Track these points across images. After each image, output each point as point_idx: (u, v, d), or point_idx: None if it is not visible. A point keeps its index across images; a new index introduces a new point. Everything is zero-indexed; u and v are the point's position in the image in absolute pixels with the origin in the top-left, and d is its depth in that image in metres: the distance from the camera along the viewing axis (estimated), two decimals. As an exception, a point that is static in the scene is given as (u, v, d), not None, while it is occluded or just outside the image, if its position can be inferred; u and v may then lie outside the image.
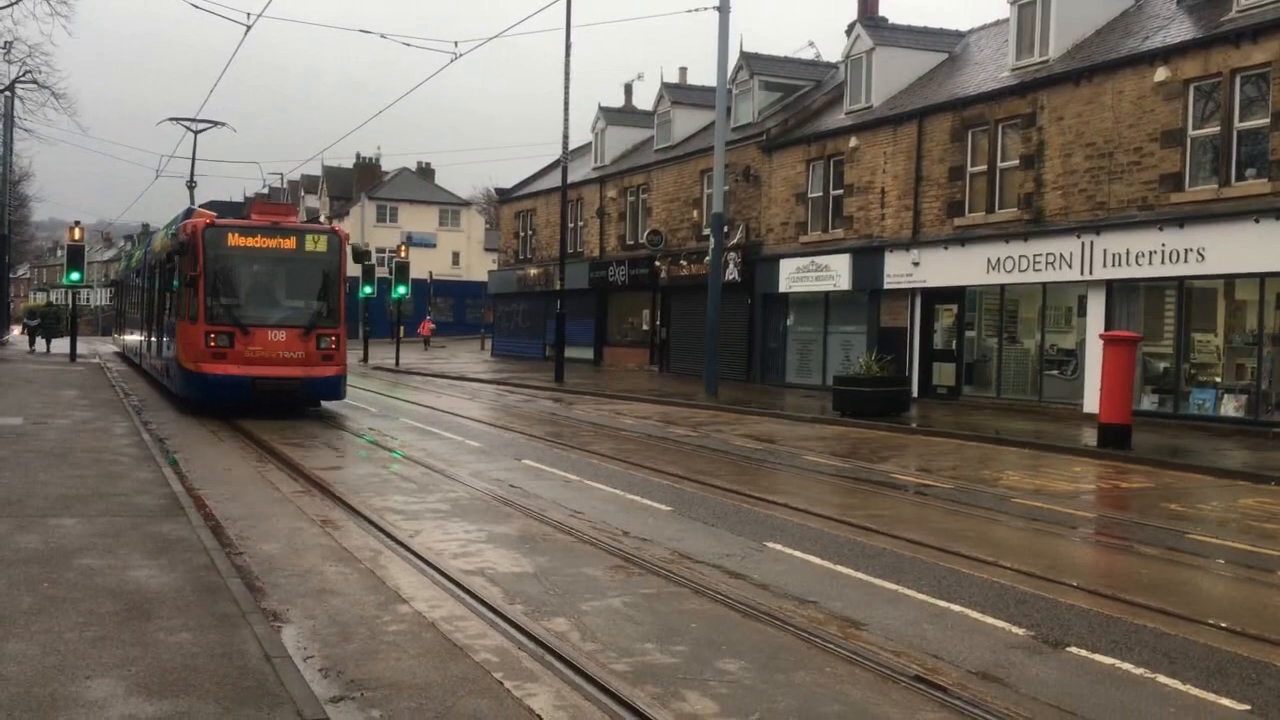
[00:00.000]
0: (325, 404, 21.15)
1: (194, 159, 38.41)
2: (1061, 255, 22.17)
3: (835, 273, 28.35)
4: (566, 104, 31.34)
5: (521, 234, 48.00)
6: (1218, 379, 20.26)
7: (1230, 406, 19.73)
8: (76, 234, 34.50)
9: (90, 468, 12.34)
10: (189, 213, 22.99)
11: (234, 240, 20.04)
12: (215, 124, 33.75)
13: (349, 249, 21.19)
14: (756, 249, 31.62)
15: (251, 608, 6.83)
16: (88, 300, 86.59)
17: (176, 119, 33.30)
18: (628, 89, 47.79)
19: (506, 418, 21.71)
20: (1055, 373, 23.35)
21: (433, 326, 60.57)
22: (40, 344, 43.92)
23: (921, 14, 34.20)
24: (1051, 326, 23.57)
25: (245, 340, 19.41)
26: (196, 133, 35.46)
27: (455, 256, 74.99)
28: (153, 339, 26.71)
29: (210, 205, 32.56)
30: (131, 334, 34.77)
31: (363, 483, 12.59)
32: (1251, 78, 19.29)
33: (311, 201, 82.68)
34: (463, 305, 72.89)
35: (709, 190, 31.98)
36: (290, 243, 20.33)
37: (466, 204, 79.04)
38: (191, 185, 38.29)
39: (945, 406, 24.39)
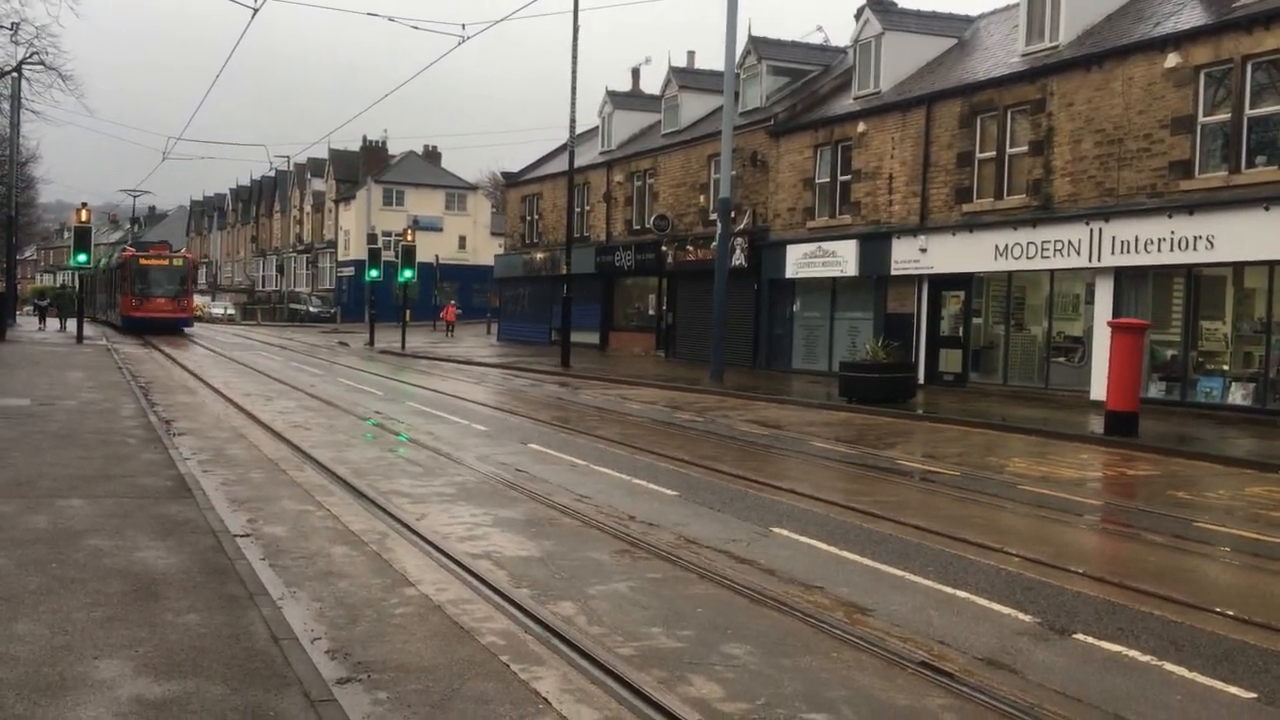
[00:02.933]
0: (186, 330, 47.29)
1: (133, 218, 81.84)
2: (1070, 242, 22.10)
3: (842, 258, 28.29)
4: (574, 88, 31.25)
5: (528, 218, 47.93)
6: (1225, 367, 20.22)
7: (1238, 394, 19.69)
8: (83, 216, 34.64)
9: (97, 449, 12.39)
10: (123, 248, 56.54)
11: (142, 261, 47.19)
12: (146, 192, 68.02)
13: (195, 263, 56.99)
14: (763, 234, 31.55)
15: (259, 589, 6.85)
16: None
17: (125, 190, 65.87)
18: (635, 73, 47.63)
19: (512, 402, 21.72)
20: (1062, 360, 23.30)
21: (458, 312, 59.91)
22: (55, 323, 47.46)
23: (931, -2, 33.98)
24: (1059, 313, 23.50)
25: (147, 303, 45.94)
26: (135, 198, 69.50)
27: (461, 240, 74.95)
28: (111, 306, 53.94)
29: (134, 244, 59.48)
30: (103, 305, 59.55)
31: (370, 466, 12.60)
32: (1263, 64, 19.18)
33: (318, 185, 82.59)
34: (469, 289, 72.78)
35: (716, 175, 31.92)
36: (166, 261, 47.92)
37: (473, 188, 78.90)
38: (134, 220, 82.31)
39: (951, 393, 24.37)
